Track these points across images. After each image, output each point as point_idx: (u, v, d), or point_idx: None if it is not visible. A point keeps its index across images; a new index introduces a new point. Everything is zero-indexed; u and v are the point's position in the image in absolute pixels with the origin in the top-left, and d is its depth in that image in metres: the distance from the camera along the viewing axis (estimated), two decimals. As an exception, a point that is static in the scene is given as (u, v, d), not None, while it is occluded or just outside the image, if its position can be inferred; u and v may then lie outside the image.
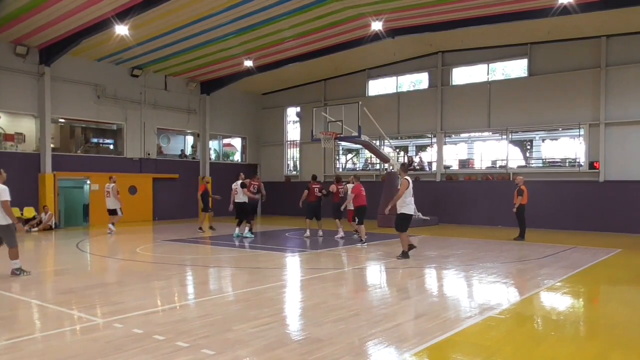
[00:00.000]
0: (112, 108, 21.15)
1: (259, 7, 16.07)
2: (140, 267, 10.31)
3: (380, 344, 5.06)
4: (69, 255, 12.30)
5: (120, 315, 6.10)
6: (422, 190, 20.97)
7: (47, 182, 18.78)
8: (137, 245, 13.32)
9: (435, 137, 21.98)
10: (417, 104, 22.46)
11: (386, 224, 18.57)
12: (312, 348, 4.86)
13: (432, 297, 7.50)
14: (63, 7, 15.15)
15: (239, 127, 26.90)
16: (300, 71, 23.37)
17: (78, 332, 5.60)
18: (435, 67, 21.92)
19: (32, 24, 16.46)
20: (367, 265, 10.53)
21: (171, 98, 23.36)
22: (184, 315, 6.26)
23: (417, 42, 20.38)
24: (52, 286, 8.43)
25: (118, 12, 15.35)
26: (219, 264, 10.57)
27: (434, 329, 5.56)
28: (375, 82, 24.15)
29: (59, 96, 19.34)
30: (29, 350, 4.85)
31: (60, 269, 10.52)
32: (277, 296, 7.45)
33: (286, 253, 12.12)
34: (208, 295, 7.70)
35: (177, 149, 25.46)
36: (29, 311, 6.49)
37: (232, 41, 19.06)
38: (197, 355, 4.65)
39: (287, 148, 27.33)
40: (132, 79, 21.71)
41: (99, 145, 23.04)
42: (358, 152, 25.56)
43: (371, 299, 7.22)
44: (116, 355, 4.66)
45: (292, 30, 18.36)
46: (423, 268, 9.87)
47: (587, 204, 18.00)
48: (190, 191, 22.45)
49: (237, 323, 5.71)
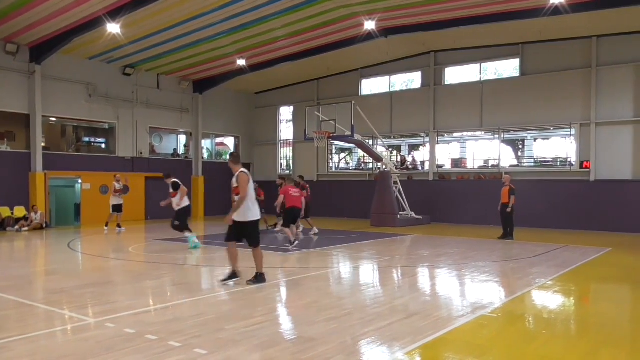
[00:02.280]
0: (104, 107, 21.01)
1: (251, 6, 16.04)
2: (132, 266, 10.26)
3: (372, 343, 5.07)
4: (60, 255, 12.21)
5: (111, 315, 6.06)
6: (414, 189, 21.10)
7: (37, 181, 18.62)
8: (129, 245, 13.25)
9: (428, 136, 22.05)
10: (409, 103, 22.51)
11: (379, 223, 18.64)
12: (304, 347, 4.86)
13: (424, 296, 7.52)
14: (54, 5, 15.03)
15: (231, 126, 26.82)
16: (293, 70, 23.35)
17: (69, 332, 5.56)
18: (428, 67, 21.98)
19: (22, 21, 16.30)
20: (359, 264, 10.55)
21: (163, 97, 23.25)
22: (176, 314, 6.23)
23: (410, 42, 20.43)
24: (43, 286, 8.37)
25: (109, 10, 15.26)
26: (211, 263, 10.54)
27: (427, 327, 5.58)
28: (368, 82, 24.18)
29: (50, 95, 19.19)
30: (20, 350, 4.81)
31: (51, 269, 10.45)
32: (269, 295, 7.44)
33: (278, 252, 12.11)
34: (200, 294, 7.67)
35: (170, 148, 25.35)
36: (20, 311, 6.43)
37: (224, 40, 19.01)
38: (190, 355, 4.63)
39: (280, 147, 27.30)
40: (124, 78, 21.58)
41: (91, 144, 22.90)
42: (351, 151, 25.59)
43: (364, 298, 7.23)
44: (108, 355, 4.63)
45: (284, 30, 18.34)
46: (416, 267, 9.90)
47: (577, 203, 18.15)
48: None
49: (229, 322, 5.70)
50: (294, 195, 12.43)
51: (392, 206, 18.89)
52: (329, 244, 13.58)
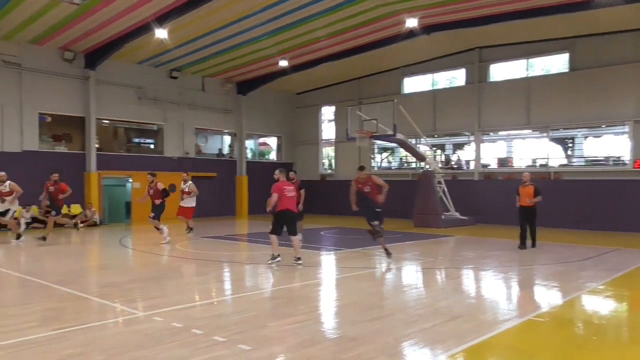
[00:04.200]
0: (152, 109, 21.77)
1: (293, 7, 16.21)
2: (179, 262, 10.58)
3: (415, 345, 5.05)
4: (111, 251, 12.75)
5: (160, 309, 6.29)
6: (459, 189, 20.71)
7: (92, 181, 19.55)
8: (176, 242, 13.66)
9: (473, 135, 21.60)
10: (453, 101, 22.11)
11: (422, 223, 18.42)
12: (346, 346, 4.89)
13: (468, 299, 7.40)
14: (107, 13, 15.71)
15: (274, 126, 27.19)
16: (334, 70, 23.40)
17: (120, 324, 5.82)
18: (472, 64, 21.52)
19: (78, 30, 17.15)
20: (401, 265, 10.48)
21: (208, 99, 23.85)
22: (221, 310, 6.40)
23: (453, 38, 20.07)
24: (96, 280, 8.76)
25: (158, 16, 15.81)
26: (254, 261, 10.72)
27: (471, 330, 5.49)
28: (410, 80, 23.92)
29: (103, 98, 20.08)
30: (75, 340, 5.07)
31: (104, 264, 10.93)
32: (311, 294, 7.51)
33: (321, 251, 12.19)
34: (244, 291, 7.83)
35: (215, 148, 25.93)
36: (75, 303, 6.77)
37: (266, 42, 19.29)
38: (234, 350, 4.75)
39: (321, 147, 27.44)
40: (170, 81, 22.30)
41: (140, 145, 23.74)
42: (393, 150, 25.40)
43: (406, 299, 7.19)
44: (157, 347, 4.82)
45: (325, 30, 18.42)
46: (460, 269, 9.74)
47: (630, 204, 17.29)
48: (227, 189, 22.95)
49: (272, 320, 5.81)
50: (288, 195, 9.75)
51: (435, 206, 18.63)
52: (370, 244, 13.52)
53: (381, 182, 10.47)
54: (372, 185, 10.47)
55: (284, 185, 9.82)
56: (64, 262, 10.74)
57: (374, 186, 10.48)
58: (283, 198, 9.61)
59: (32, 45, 18.25)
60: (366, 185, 10.43)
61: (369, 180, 10.52)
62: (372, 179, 10.56)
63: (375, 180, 10.50)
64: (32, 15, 15.73)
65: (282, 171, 10.05)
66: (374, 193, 10.42)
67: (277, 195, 9.57)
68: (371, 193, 10.44)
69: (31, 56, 18.29)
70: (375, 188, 10.48)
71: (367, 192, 10.46)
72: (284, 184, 9.88)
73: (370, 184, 10.47)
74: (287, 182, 10.26)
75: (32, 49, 18.30)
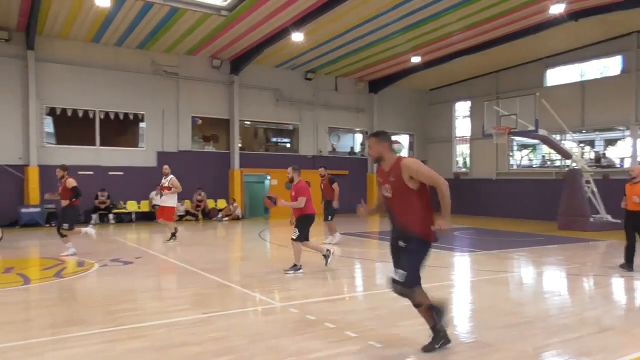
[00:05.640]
0: (288, 110, 23.02)
1: (425, 2, 15.90)
2: (312, 257, 11.03)
3: (558, 356, 4.68)
4: (251, 243, 13.80)
5: (295, 301, 6.63)
6: (611, 189, 18.56)
7: (235, 178, 21.31)
8: (310, 237, 14.21)
9: (629, 129, 19.23)
10: (605, 93, 19.88)
11: (567, 226, 16.93)
12: (480, 352, 4.71)
13: (621, 310, 6.66)
14: (249, 22, 17.00)
15: (406, 123, 26.99)
16: (469, 64, 22.46)
17: (259, 313, 6.27)
18: (629, 50, 19.14)
19: (224, 39, 18.89)
20: (543, 269, 9.75)
21: (341, 98, 24.49)
22: (353, 306, 6.55)
23: (605, 23, 18.03)
24: (238, 270, 9.53)
25: (295, 20, 16.67)
26: (385, 259, 10.75)
27: (624, 344, 4.96)
28: (553, 71, 22.04)
29: (245, 101, 21.76)
30: (219, 324, 5.58)
31: (245, 255, 11.86)
32: (444, 296, 7.34)
33: (454, 252, 11.83)
34: (375, 289, 7.92)
35: (347, 147, 26.50)
36: (220, 290, 7.44)
37: (398, 39, 19.20)
38: (364, 346, 4.83)
39: (455, 144, 26.54)
40: (305, 82, 23.34)
41: (277, 144, 25.22)
42: (534, 147, 23.65)
43: (547, 307, 6.68)
44: (293, 337, 5.10)
45: (460, 23, 17.76)
46: (610, 276, 8.77)
47: None
48: (359, 187, 23.37)
49: (403, 319, 5.79)
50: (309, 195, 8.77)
51: (582, 208, 16.96)
52: (508, 246, 12.79)
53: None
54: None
55: (307, 186, 8.83)
56: (211, 252, 11.85)
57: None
58: (310, 200, 8.74)
59: (187, 56, 20.44)
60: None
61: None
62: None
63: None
64: (187, 29, 17.62)
65: (296, 169, 8.89)
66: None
67: (304, 199, 8.63)
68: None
69: (186, 66, 20.49)
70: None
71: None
72: (306, 183, 8.88)
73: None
74: (306, 182, 9.05)
75: (187, 59, 20.48)
